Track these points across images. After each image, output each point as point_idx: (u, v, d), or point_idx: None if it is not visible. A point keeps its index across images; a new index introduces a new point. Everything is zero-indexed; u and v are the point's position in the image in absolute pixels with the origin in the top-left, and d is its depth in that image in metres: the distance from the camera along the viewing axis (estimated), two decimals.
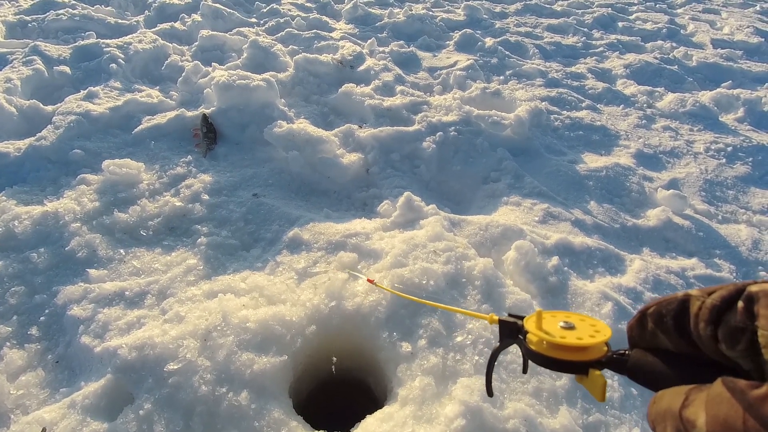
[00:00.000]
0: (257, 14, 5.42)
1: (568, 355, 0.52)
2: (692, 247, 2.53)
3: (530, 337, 0.56)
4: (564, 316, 0.56)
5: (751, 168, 3.32)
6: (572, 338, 0.52)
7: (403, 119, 3.21)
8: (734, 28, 6.62)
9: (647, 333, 0.47)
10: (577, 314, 0.57)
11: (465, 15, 5.95)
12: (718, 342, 0.39)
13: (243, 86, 3.01)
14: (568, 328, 0.54)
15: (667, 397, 0.41)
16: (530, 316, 0.58)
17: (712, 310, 0.39)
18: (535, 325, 0.56)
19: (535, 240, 2.20)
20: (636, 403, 1.63)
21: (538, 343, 0.54)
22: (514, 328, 0.60)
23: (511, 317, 0.61)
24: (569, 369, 0.52)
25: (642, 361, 0.48)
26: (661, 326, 0.45)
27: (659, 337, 0.46)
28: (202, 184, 2.51)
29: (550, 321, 0.56)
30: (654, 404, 0.42)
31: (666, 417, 0.39)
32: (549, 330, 0.54)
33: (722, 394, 0.34)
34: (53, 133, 2.78)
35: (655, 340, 0.47)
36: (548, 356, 0.53)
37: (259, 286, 1.84)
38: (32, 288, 1.95)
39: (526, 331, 0.57)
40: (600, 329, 0.53)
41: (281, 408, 1.47)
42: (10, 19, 4.62)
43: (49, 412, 1.45)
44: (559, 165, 2.98)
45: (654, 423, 0.41)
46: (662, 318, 0.45)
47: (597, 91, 4.22)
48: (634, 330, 0.50)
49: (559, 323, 0.55)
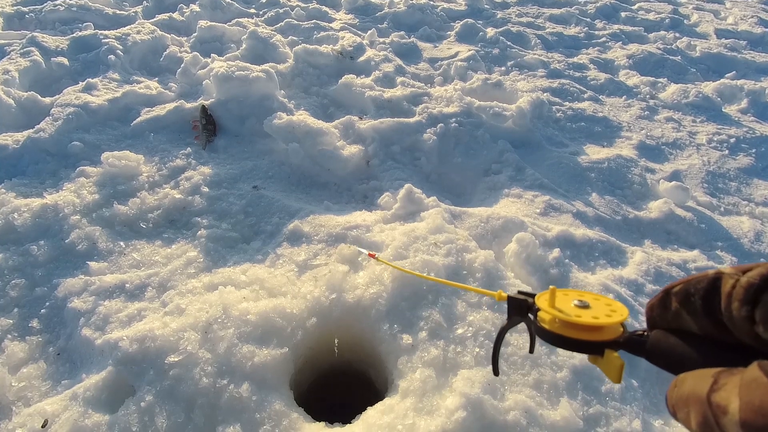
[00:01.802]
0: (256, 5, 5.37)
1: (583, 335, 0.50)
2: (694, 240, 2.52)
3: (542, 315, 0.54)
4: (577, 294, 0.55)
5: (754, 159, 3.30)
6: (588, 317, 0.50)
7: (404, 111, 3.19)
8: (738, 18, 6.54)
9: (670, 313, 0.45)
10: (591, 293, 0.55)
11: (466, 5, 5.89)
12: (754, 324, 0.36)
13: (242, 78, 2.98)
14: (582, 306, 0.52)
15: (691, 380, 0.38)
16: (542, 294, 0.56)
17: (748, 289, 0.36)
18: (548, 302, 0.54)
19: (537, 232, 2.19)
20: (637, 395, 1.63)
21: (551, 321, 0.52)
22: (524, 306, 0.58)
23: (521, 294, 0.59)
24: (584, 349, 0.51)
25: (663, 343, 0.45)
26: (688, 306, 0.42)
27: (683, 317, 0.43)
28: (202, 177, 2.50)
29: (563, 299, 0.54)
30: (675, 388, 0.39)
31: (690, 402, 0.37)
32: (563, 308, 0.52)
33: (759, 379, 0.32)
34: (52, 125, 2.76)
35: (678, 321, 0.44)
36: (562, 335, 0.51)
37: (260, 278, 1.84)
38: (33, 281, 1.95)
39: (538, 309, 0.55)
40: (616, 309, 0.52)
41: (282, 400, 1.47)
42: (8, 11, 4.58)
43: (50, 405, 1.45)
44: (560, 157, 2.96)
45: (675, 408, 0.39)
46: (689, 297, 0.42)
47: (599, 82, 4.19)
48: (655, 310, 0.47)
49: (573, 301, 0.53)
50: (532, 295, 0.58)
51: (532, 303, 0.57)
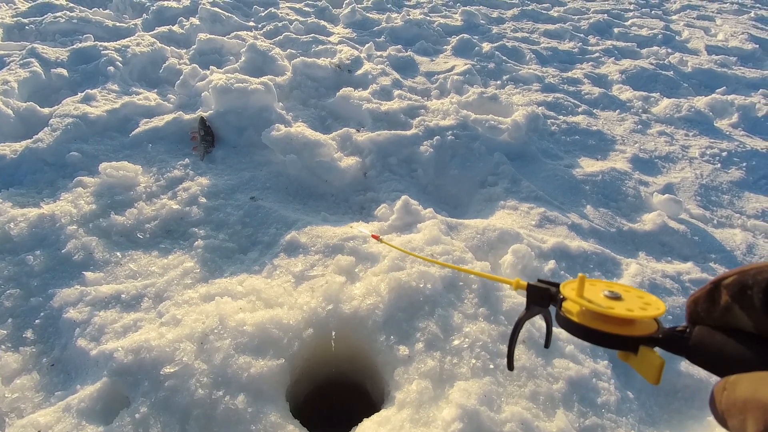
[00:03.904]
0: (255, 18, 5.44)
1: (616, 329, 0.45)
2: (688, 252, 2.54)
3: (568, 306, 0.49)
4: (606, 285, 0.50)
5: (745, 173, 3.34)
6: (621, 309, 0.45)
7: (401, 123, 3.22)
8: (729, 34, 6.68)
9: (718, 308, 0.40)
10: (621, 284, 0.51)
11: (462, 20, 5.98)
12: None
13: (241, 90, 3.01)
14: (614, 298, 0.47)
15: (748, 383, 0.33)
16: (567, 282, 0.51)
17: None
18: (576, 292, 0.49)
19: (532, 244, 2.21)
20: (632, 407, 1.64)
21: (581, 313, 0.48)
22: (546, 295, 0.53)
23: (543, 283, 0.54)
24: (616, 344, 0.46)
25: (708, 340, 0.41)
26: (742, 300, 0.38)
27: (735, 313, 0.39)
28: (200, 187, 2.51)
29: (591, 289, 0.49)
30: (724, 391, 0.35)
31: (748, 408, 0.32)
32: (593, 299, 0.48)
33: None
34: (50, 135, 2.77)
35: (727, 317, 0.39)
36: (593, 329, 0.46)
37: (257, 289, 1.84)
38: (28, 291, 1.94)
39: (563, 299, 0.50)
40: (650, 302, 0.47)
41: (278, 411, 1.46)
42: (8, 22, 4.62)
43: (44, 416, 1.44)
44: (555, 169, 3.00)
45: (726, 414, 0.34)
46: (745, 290, 0.37)
47: (593, 96, 4.25)
48: (699, 304, 0.42)
49: (602, 292, 0.48)
50: (556, 284, 0.53)
51: (555, 292, 0.52)
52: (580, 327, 0.47)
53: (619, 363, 1.77)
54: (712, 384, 1.77)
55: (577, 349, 1.72)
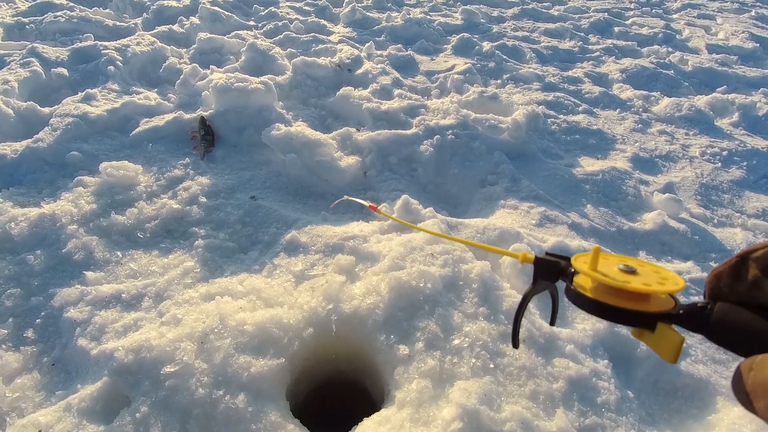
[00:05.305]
0: (255, 17, 5.44)
1: (631, 304, 0.43)
2: (688, 251, 2.54)
3: (580, 281, 0.47)
4: (619, 259, 0.47)
5: (745, 172, 3.34)
6: (638, 283, 0.43)
7: (401, 122, 3.22)
8: (729, 33, 6.67)
9: (744, 283, 0.38)
10: (635, 259, 0.48)
11: (462, 19, 5.98)
12: None
13: (241, 89, 3.01)
14: (629, 272, 0.45)
15: None
16: (579, 255, 0.48)
17: None
18: (589, 265, 0.46)
19: (532, 243, 2.21)
20: (632, 406, 1.64)
21: (594, 288, 0.45)
22: (555, 270, 0.50)
23: (552, 256, 0.51)
24: (632, 321, 0.44)
25: (732, 317, 0.38)
26: None
27: (764, 289, 0.36)
28: (200, 187, 2.51)
29: (604, 263, 0.47)
30: (751, 371, 0.33)
31: None
32: (607, 272, 0.45)
33: None
34: (50, 134, 2.77)
35: (755, 293, 0.37)
36: (607, 304, 0.44)
37: (257, 288, 1.84)
38: (28, 290, 1.95)
39: (573, 273, 0.48)
40: (667, 277, 0.44)
41: (278, 411, 1.46)
42: (8, 21, 4.62)
43: (44, 415, 1.44)
44: (555, 168, 2.99)
45: (752, 395, 0.32)
46: None
47: (593, 95, 4.25)
48: (723, 278, 0.39)
49: (616, 265, 0.46)
50: (567, 258, 0.50)
51: (566, 266, 0.49)
52: (593, 302, 0.45)
53: (619, 362, 1.77)
54: (713, 383, 1.76)
55: (577, 348, 1.72)
